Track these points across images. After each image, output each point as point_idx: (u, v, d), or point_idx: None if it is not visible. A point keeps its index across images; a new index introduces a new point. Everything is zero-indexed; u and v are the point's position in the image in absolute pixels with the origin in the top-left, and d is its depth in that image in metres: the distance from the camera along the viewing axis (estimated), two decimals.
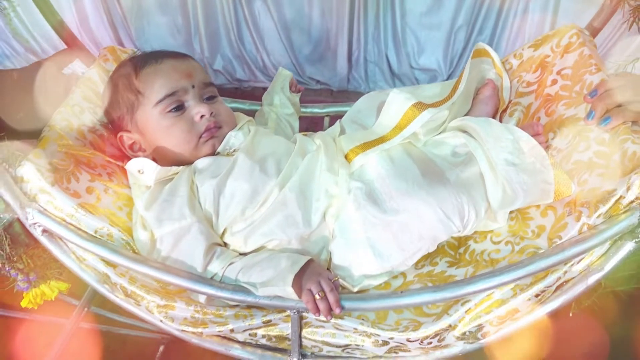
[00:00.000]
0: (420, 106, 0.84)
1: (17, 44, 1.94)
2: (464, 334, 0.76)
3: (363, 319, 0.79)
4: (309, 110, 1.18)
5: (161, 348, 1.26)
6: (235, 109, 1.00)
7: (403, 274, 0.86)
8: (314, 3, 1.83)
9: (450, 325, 0.76)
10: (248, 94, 2.05)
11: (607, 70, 0.83)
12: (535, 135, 0.80)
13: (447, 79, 1.90)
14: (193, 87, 0.89)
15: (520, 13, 1.71)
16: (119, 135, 0.90)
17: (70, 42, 1.03)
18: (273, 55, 2.00)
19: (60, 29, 1.01)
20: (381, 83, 2.01)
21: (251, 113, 1.09)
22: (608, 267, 0.72)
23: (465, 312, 0.75)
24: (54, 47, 1.96)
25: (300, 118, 1.14)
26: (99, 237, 0.77)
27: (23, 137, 0.80)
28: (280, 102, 1.09)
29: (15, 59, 2.00)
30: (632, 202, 0.68)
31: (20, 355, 1.16)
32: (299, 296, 0.71)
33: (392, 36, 1.90)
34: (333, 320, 0.77)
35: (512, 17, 1.73)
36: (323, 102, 1.25)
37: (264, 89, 1.14)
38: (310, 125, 1.22)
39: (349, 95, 2.03)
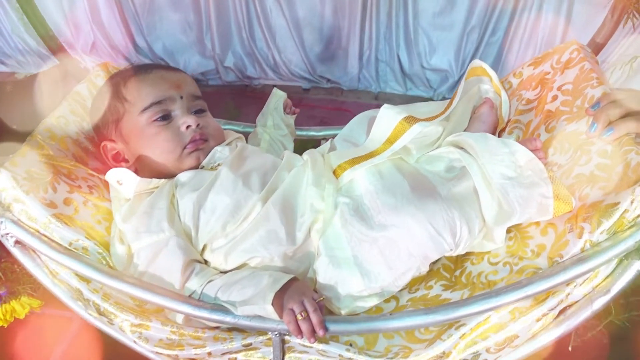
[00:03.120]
0: (411, 120, 0.81)
1: (30, 38, 1.98)
2: None
3: (350, 345, 0.74)
4: (304, 133, 1.16)
5: None
6: (228, 130, 0.99)
7: (395, 298, 0.81)
8: (326, 1, 1.86)
9: (444, 352, 0.70)
10: (258, 91, 2.06)
11: (609, 83, 0.80)
12: (534, 150, 0.77)
13: (458, 79, 1.88)
14: (181, 97, 0.88)
15: (533, 15, 1.70)
16: (102, 144, 0.89)
17: (57, 52, 1.03)
18: (284, 53, 2.01)
19: (49, 39, 1.01)
20: (392, 83, 2.01)
21: (245, 134, 1.08)
22: (615, 289, 0.66)
23: (460, 337, 0.69)
24: (67, 43, 1.99)
25: (296, 140, 1.12)
26: (74, 249, 0.75)
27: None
28: (274, 123, 1.08)
29: (28, 54, 2.05)
30: (637, 216, 0.63)
31: (28, 349, 1.12)
32: (280, 316, 0.67)
33: (404, 36, 1.90)
34: (318, 346, 0.72)
35: (525, 19, 1.72)
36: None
37: (275, 86, 1.13)
38: (307, 147, 1.20)
39: (359, 94, 2.02)
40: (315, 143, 1.17)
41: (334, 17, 1.89)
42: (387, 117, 0.84)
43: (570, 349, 0.69)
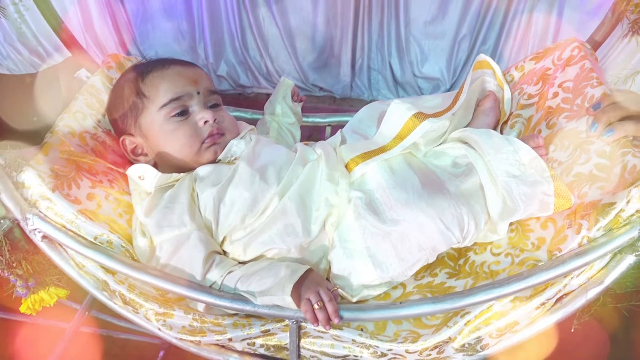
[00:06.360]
0: (421, 116, 0.84)
1: (21, 46, 1.96)
2: (463, 345, 0.75)
3: (362, 330, 0.78)
4: (310, 119, 1.18)
5: (161, 353, 1.26)
6: (237, 118, 1.01)
7: (402, 285, 0.85)
8: (318, 10, 1.85)
9: (449, 337, 0.75)
10: (251, 100, 2.07)
11: (609, 84, 0.83)
12: (536, 147, 0.81)
13: (450, 88, 1.91)
14: (198, 93, 0.90)
15: (523, 23, 1.72)
16: (121, 138, 0.90)
17: (70, 44, 1.03)
18: (277, 62, 2.01)
19: (60, 30, 1.01)
20: (384, 91, 2.02)
21: (253, 122, 1.10)
22: (608, 280, 0.71)
23: (465, 324, 0.74)
24: (59, 50, 1.97)
25: (301, 127, 1.15)
26: (99, 243, 0.78)
27: (33, 141, 0.80)
28: (282, 111, 1.10)
29: (19, 62, 2.02)
30: (632, 215, 0.67)
31: (21, 358, 1.16)
32: (298, 306, 0.71)
33: (395, 44, 1.91)
34: (332, 331, 0.76)
35: (516, 28, 1.74)
36: (325, 110, 1.26)
37: (267, 95, 1.15)
38: (313, 134, 1.23)
39: (351, 102, 2.04)
40: (320, 129, 1.20)
41: (326, 26, 1.89)
42: (398, 112, 0.86)
43: (572, 330, 0.75)
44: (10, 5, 1.70)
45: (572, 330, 0.73)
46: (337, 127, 1.06)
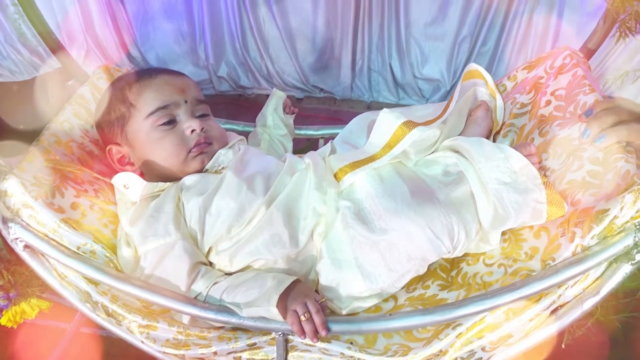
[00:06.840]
0: (410, 124, 0.83)
1: (22, 47, 1.99)
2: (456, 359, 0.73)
3: (351, 343, 0.76)
4: (303, 132, 1.18)
5: None
6: (228, 130, 1.00)
7: (394, 297, 0.83)
8: (318, 12, 1.87)
9: (440, 350, 0.73)
10: (252, 101, 2.08)
11: (601, 90, 0.82)
12: (528, 155, 0.79)
13: (450, 89, 1.92)
14: (186, 102, 0.89)
15: (524, 25, 1.72)
16: (108, 147, 0.90)
17: (57, 51, 1.03)
18: (277, 63, 2.03)
19: (48, 38, 1.02)
20: (384, 92, 2.03)
21: (245, 134, 1.09)
22: (604, 291, 0.69)
23: (457, 336, 0.72)
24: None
25: (295, 139, 1.14)
26: (82, 253, 0.76)
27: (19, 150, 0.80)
28: (274, 123, 1.09)
29: (20, 62, 2.05)
30: (626, 222, 0.65)
31: (21, 358, 1.14)
32: (284, 317, 0.69)
33: (396, 46, 1.92)
34: (320, 344, 0.74)
35: (516, 29, 1.75)
36: (319, 122, 1.25)
37: (268, 96, 1.14)
38: (306, 145, 1.22)
39: (352, 104, 2.05)
40: (313, 142, 1.19)
41: (326, 27, 1.91)
42: (387, 121, 0.86)
43: (563, 346, 0.72)
44: (10, 5, 1.72)
45: (563, 347, 0.71)
46: (330, 139, 1.05)
